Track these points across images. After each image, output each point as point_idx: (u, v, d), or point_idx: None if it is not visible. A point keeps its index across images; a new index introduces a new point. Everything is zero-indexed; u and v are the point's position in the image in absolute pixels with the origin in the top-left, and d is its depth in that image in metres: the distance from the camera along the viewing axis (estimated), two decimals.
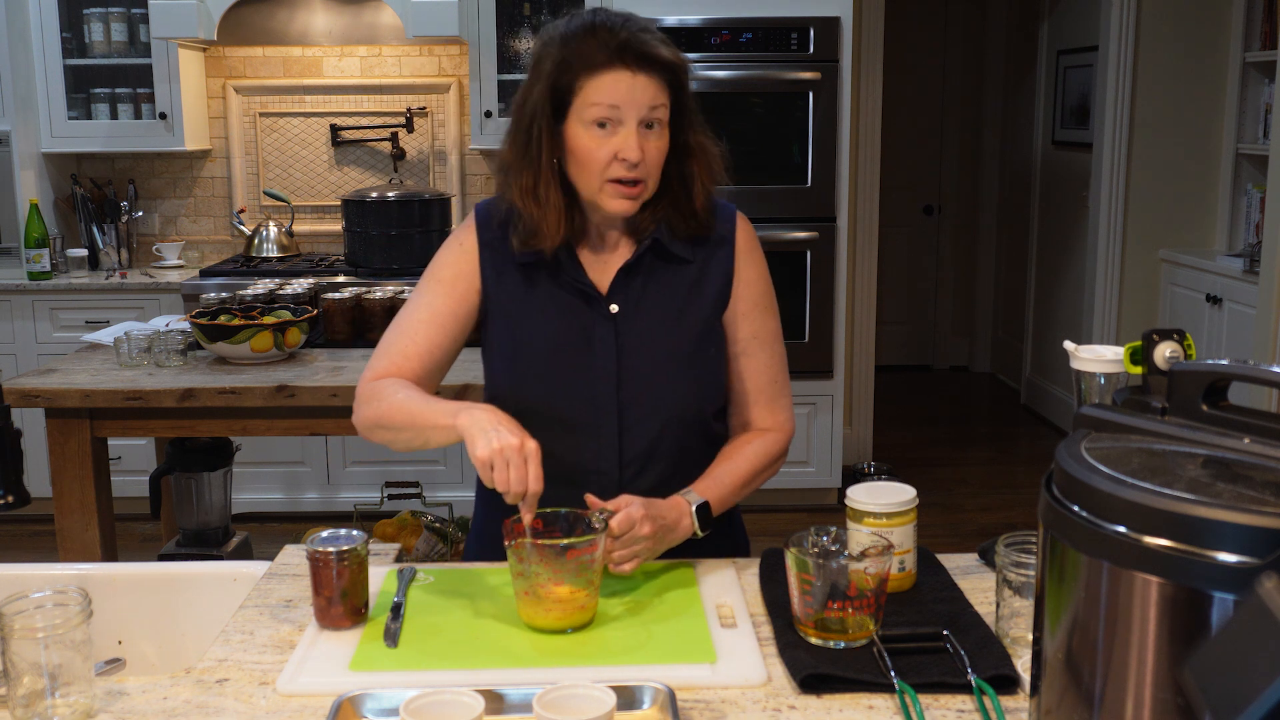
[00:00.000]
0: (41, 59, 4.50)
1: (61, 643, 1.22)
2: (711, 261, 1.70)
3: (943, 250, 7.10)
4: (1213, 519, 0.81)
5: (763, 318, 1.73)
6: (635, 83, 1.55)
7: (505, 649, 1.38)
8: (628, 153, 1.56)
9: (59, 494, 2.71)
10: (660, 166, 1.61)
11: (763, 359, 1.73)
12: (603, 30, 1.56)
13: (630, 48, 1.54)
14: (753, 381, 1.73)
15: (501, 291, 1.69)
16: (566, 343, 1.66)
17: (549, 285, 1.68)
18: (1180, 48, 5.02)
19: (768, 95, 4.33)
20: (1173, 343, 1.06)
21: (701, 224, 1.67)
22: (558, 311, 1.67)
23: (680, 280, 1.68)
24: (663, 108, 1.57)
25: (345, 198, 4.43)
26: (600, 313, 1.66)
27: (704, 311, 1.69)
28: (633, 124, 1.56)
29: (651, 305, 1.67)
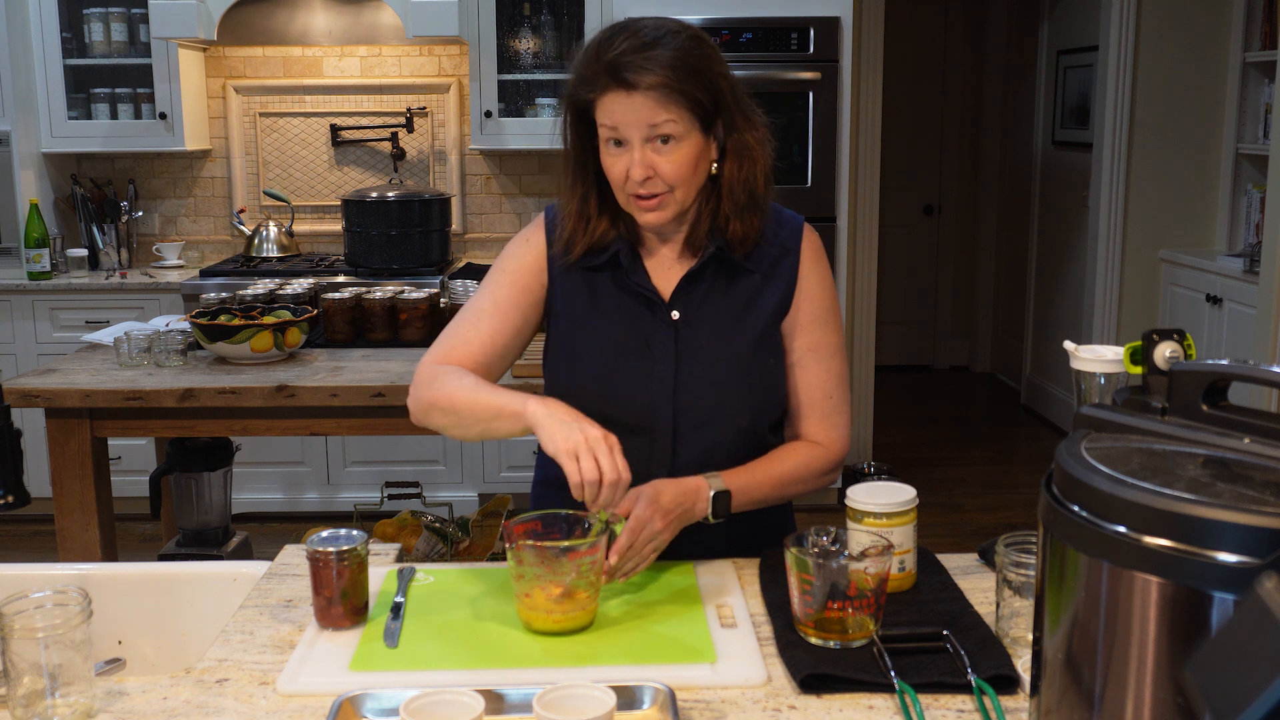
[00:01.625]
0: (41, 59, 4.50)
1: (61, 643, 1.22)
2: (776, 272, 1.69)
3: (943, 250, 7.10)
4: (1213, 519, 0.81)
5: (822, 330, 1.71)
6: (631, 103, 1.54)
7: (505, 649, 1.38)
8: (633, 170, 1.57)
9: (59, 494, 2.71)
10: (686, 176, 1.59)
11: (817, 372, 1.71)
12: (602, 49, 1.56)
13: (618, 69, 1.53)
14: (806, 394, 1.72)
15: (566, 292, 1.70)
16: (626, 347, 1.67)
17: (613, 289, 1.68)
18: (1180, 48, 5.02)
19: (768, 95, 4.28)
20: (1173, 343, 1.06)
21: (739, 234, 1.64)
22: (620, 315, 1.68)
23: (743, 290, 1.68)
24: (669, 122, 1.55)
25: (345, 198, 4.43)
26: (661, 319, 1.66)
27: (763, 321, 1.68)
28: (637, 142, 1.56)
29: (713, 313, 1.67)
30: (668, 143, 1.56)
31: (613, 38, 1.56)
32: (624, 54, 1.53)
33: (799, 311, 1.70)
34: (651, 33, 1.56)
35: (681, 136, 1.57)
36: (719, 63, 1.60)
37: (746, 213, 1.64)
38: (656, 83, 1.53)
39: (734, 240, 1.65)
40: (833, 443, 1.72)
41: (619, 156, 1.58)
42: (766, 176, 1.65)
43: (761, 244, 1.68)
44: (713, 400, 1.65)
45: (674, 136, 1.56)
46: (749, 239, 1.66)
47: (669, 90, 1.53)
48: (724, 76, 1.60)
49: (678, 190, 1.59)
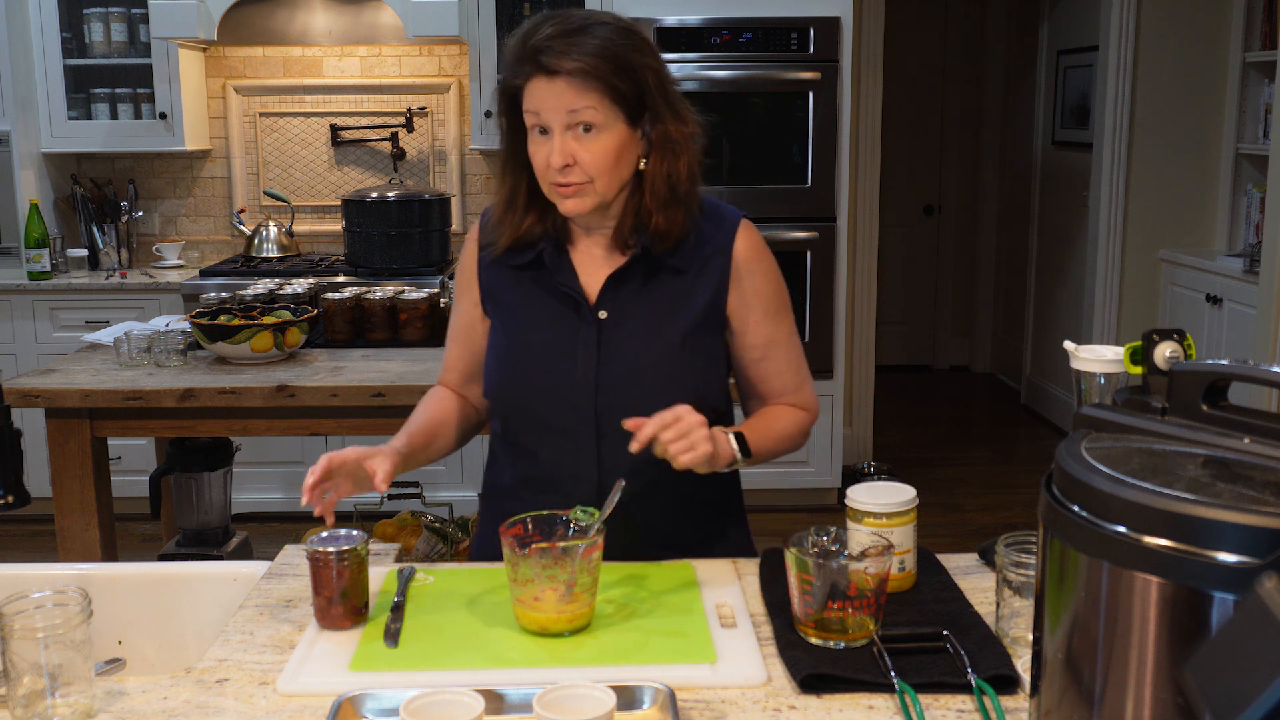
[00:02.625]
0: (41, 59, 4.49)
1: (61, 643, 1.22)
2: (705, 271, 1.68)
3: (943, 250, 7.09)
4: (1213, 519, 0.81)
5: (776, 321, 1.73)
6: (552, 88, 1.54)
7: (505, 649, 1.38)
8: (552, 157, 1.57)
9: (59, 494, 2.71)
10: (607, 166, 1.58)
11: (784, 359, 1.74)
12: (529, 36, 1.56)
13: (540, 53, 1.54)
14: (779, 381, 1.75)
15: (497, 294, 1.72)
16: (552, 347, 1.67)
17: (540, 289, 1.69)
18: (1180, 48, 5.02)
19: (768, 95, 4.33)
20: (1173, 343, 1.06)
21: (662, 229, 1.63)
22: (546, 315, 1.68)
23: (671, 290, 1.67)
24: (589, 109, 1.55)
25: (345, 198, 4.43)
26: (587, 319, 1.67)
27: (691, 322, 1.67)
28: (558, 129, 1.56)
29: (639, 314, 1.67)
30: (589, 131, 1.56)
31: (540, 25, 1.57)
32: (548, 39, 1.54)
33: (749, 311, 1.70)
34: (579, 21, 1.57)
35: (602, 126, 1.56)
36: (648, 55, 1.60)
37: (668, 206, 1.63)
38: (576, 68, 1.53)
39: (656, 234, 1.64)
40: (811, 407, 1.79)
41: (542, 145, 1.58)
42: (691, 171, 1.64)
43: (692, 243, 1.67)
44: (635, 401, 1.62)
45: (594, 125, 1.56)
46: (672, 233, 1.64)
47: (588, 76, 1.53)
48: (651, 69, 1.60)
49: (598, 181, 1.59)
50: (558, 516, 1.49)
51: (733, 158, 4.37)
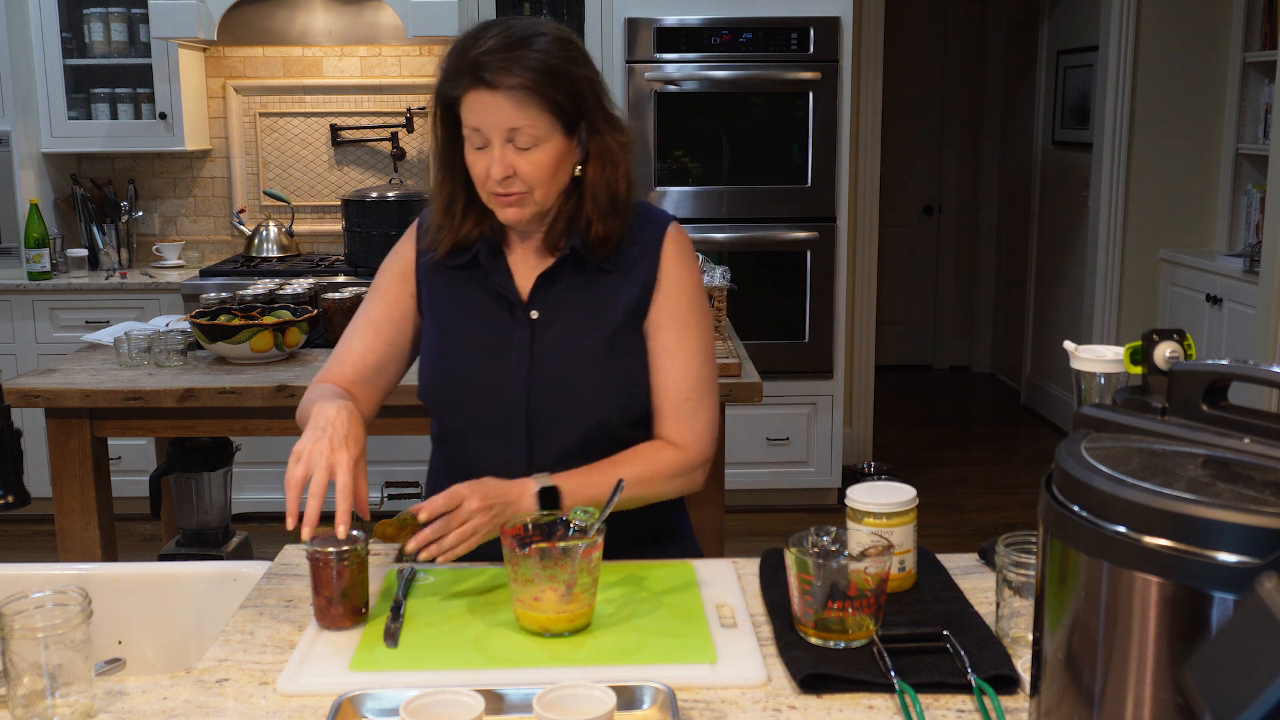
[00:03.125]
0: (41, 59, 4.49)
1: (61, 643, 1.22)
2: (633, 271, 1.69)
3: (943, 250, 7.09)
4: (1213, 519, 0.81)
5: (680, 330, 1.69)
6: (492, 103, 1.55)
7: (505, 649, 1.38)
8: (492, 170, 1.57)
9: (59, 494, 2.71)
10: (546, 178, 1.60)
11: (674, 374, 1.69)
12: (468, 46, 1.56)
13: (481, 68, 1.53)
14: (662, 395, 1.70)
15: (433, 292, 1.73)
16: (486, 347, 1.68)
17: (476, 289, 1.70)
18: (1180, 48, 5.02)
19: (768, 95, 4.33)
20: (1173, 343, 1.06)
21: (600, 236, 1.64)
22: (481, 315, 1.69)
23: (599, 290, 1.68)
24: (529, 125, 1.55)
25: (345, 198, 4.43)
26: (520, 319, 1.68)
27: (617, 321, 1.67)
28: (497, 142, 1.57)
29: (569, 313, 1.68)
30: (528, 144, 1.57)
31: (480, 35, 1.56)
32: (488, 53, 1.54)
33: (658, 311, 1.69)
34: (520, 32, 1.56)
35: (542, 139, 1.57)
36: (585, 66, 1.61)
37: (609, 216, 1.65)
38: (517, 84, 1.53)
39: (595, 241, 1.65)
40: (688, 445, 1.68)
41: (481, 155, 1.59)
42: (629, 179, 1.66)
43: (623, 244, 1.68)
44: (564, 400, 1.64)
45: (534, 138, 1.57)
46: (611, 241, 1.66)
47: (529, 93, 1.54)
48: (589, 80, 1.61)
49: (537, 191, 1.60)
50: (557, 517, 1.50)
51: (733, 158, 4.38)
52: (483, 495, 1.52)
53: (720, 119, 4.36)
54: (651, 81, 4.30)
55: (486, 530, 1.51)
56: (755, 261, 4.37)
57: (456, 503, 1.50)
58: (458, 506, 1.50)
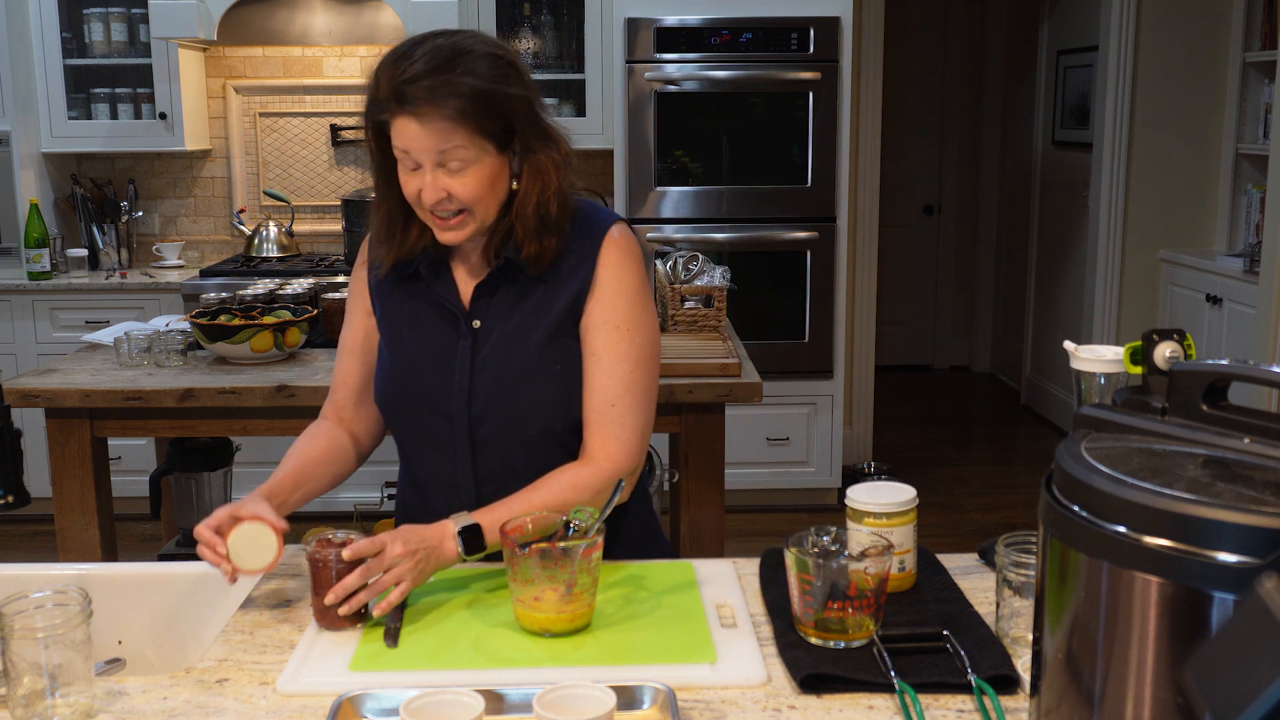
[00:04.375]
0: (41, 59, 4.49)
1: (61, 643, 1.22)
2: (571, 276, 1.65)
3: (943, 250, 7.09)
4: (1213, 519, 0.81)
5: (612, 335, 1.64)
6: (421, 129, 1.51)
7: (505, 649, 1.38)
8: (425, 193, 1.55)
9: (59, 494, 2.71)
10: (481, 196, 1.57)
11: (600, 380, 1.64)
12: (396, 69, 1.52)
13: (406, 97, 1.51)
14: (588, 402, 1.65)
15: (385, 306, 1.73)
16: (431, 357, 1.68)
17: (421, 300, 1.70)
18: (1180, 48, 5.02)
19: (768, 95, 4.33)
20: (1173, 343, 1.06)
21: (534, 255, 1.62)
22: (426, 326, 1.69)
23: (535, 296, 1.66)
24: (459, 149, 1.52)
25: (345, 198, 4.43)
26: (464, 329, 1.67)
27: (550, 327, 1.65)
28: (429, 165, 1.54)
29: (508, 321, 1.67)
30: (460, 166, 1.54)
31: (406, 58, 1.52)
32: (415, 79, 1.50)
33: (589, 316, 1.65)
34: (448, 53, 1.52)
35: (472, 161, 1.54)
36: (517, 85, 1.56)
37: (541, 234, 1.61)
38: (444, 114, 1.50)
39: (528, 260, 1.62)
40: (607, 457, 1.62)
41: (413, 177, 1.57)
42: (562, 197, 1.61)
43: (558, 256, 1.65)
44: (504, 409, 1.63)
45: (465, 161, 1.54)
46: (542, 258, 1.62)
47: (456, 120, 1.51)
48: (521, 99, 1.57)
49: (476, 209, 1.58)
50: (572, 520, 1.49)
51: (733, 158, 4.37)
52: (404, 540, 1.47)
53: (720, 119, 4.36)
54: (651, 81, 4.30)
55: (411, 580, 1.46)
56: (755, 261, 4.37)
57: (379, 548, 1.45)
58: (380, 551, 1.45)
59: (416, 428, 1.71)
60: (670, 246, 3.96)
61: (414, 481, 1.77)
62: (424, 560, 1.48)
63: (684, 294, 3.02)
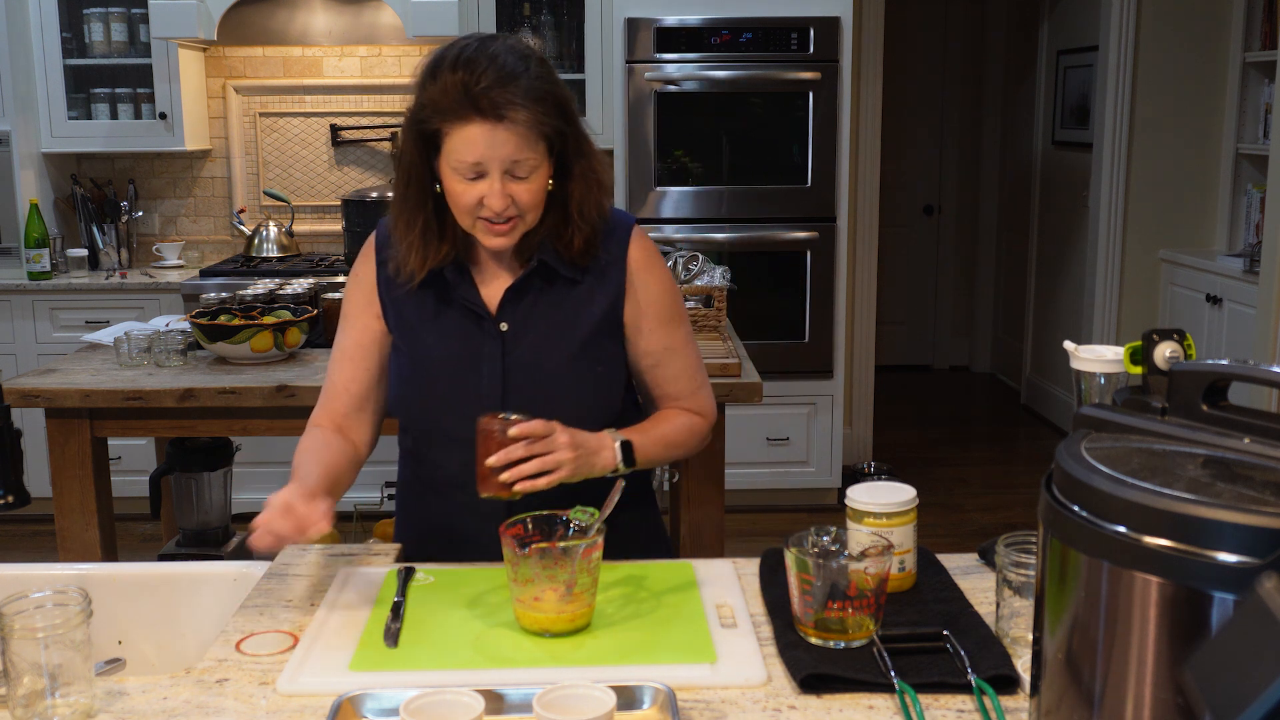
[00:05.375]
0: (41, 59, 4.49)
1: (61, 643, 1.22)
2: (603, 279, 1.69)
3: (943, 250, 7.09)
4: (1213, 519, 0.81)
5: (670, 329, 1.74)
6: (495, 137, 1.53)
7: (505, 649, 1.38)
8: (492, 201, 1.56)
9: (59, 494, 2.71)
10: (537, 203, 1.61)
11: (677, 367, 1.75)
12: (465, 75, 1.52)
13: (485, 102, 1.52)
14: (674, 386, 1.76)
15: (399, 310, 1.72)
16: (456, 361, 1.68)
17: (442, 304, 1.70)
18: (1180, 48, 5.02)
19: (768, 95, 4.33)
20: (1173, 343, 1.06)
21: (580, 250, 1.66)
22: (450, 330, 1.69)
23: (569, 299, 1.69)
24: (531, 156, 1.56)
25: (345, 198, 4.43)
26: (489, 332, 1.68)
27: (589, 328, 1.68)
28: (496, 175, 1.56)
29: (539, 324, 1.68)
30: (526, 174, 1.57)
31: (472, 65, 1.53)
32: (490, 88, 1.51)
33: (644, 318, 1.72)
34: (511, 63, 1.54)
35: (537, 166, 1.58)
36: (562, 85, 1.61)
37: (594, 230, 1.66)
38: (523, 119, 1.53)
39: (577, 253, 1.66)
40: (707, 413, 1.79)
41: (473, 185, 1.57)
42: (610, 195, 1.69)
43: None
44: (540, 409, 1.63)
45: (532, 167, 1.57)
46: (591, 252, 1.68)
47: (532, 126, 1.54)
48: (570, 99, 1.62)
49: (529, 215, 1.61)
50: (557, 516, 1.50)
51: (733, 158, 4.37)
52: (570, 434, 1.55)
53: (720, 119, 4.36)
54: (651, 81, 4.30)
55: (568, 470, 1.53)
56: (755, 261, 4.37)
57: (549, 431, 1.51)
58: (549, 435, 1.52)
59: (444, 431, 1.70)
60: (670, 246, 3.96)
61: (432, 485, 1.76)
62: (582, 459, 1.55)
63: (684, 294, 3.02)
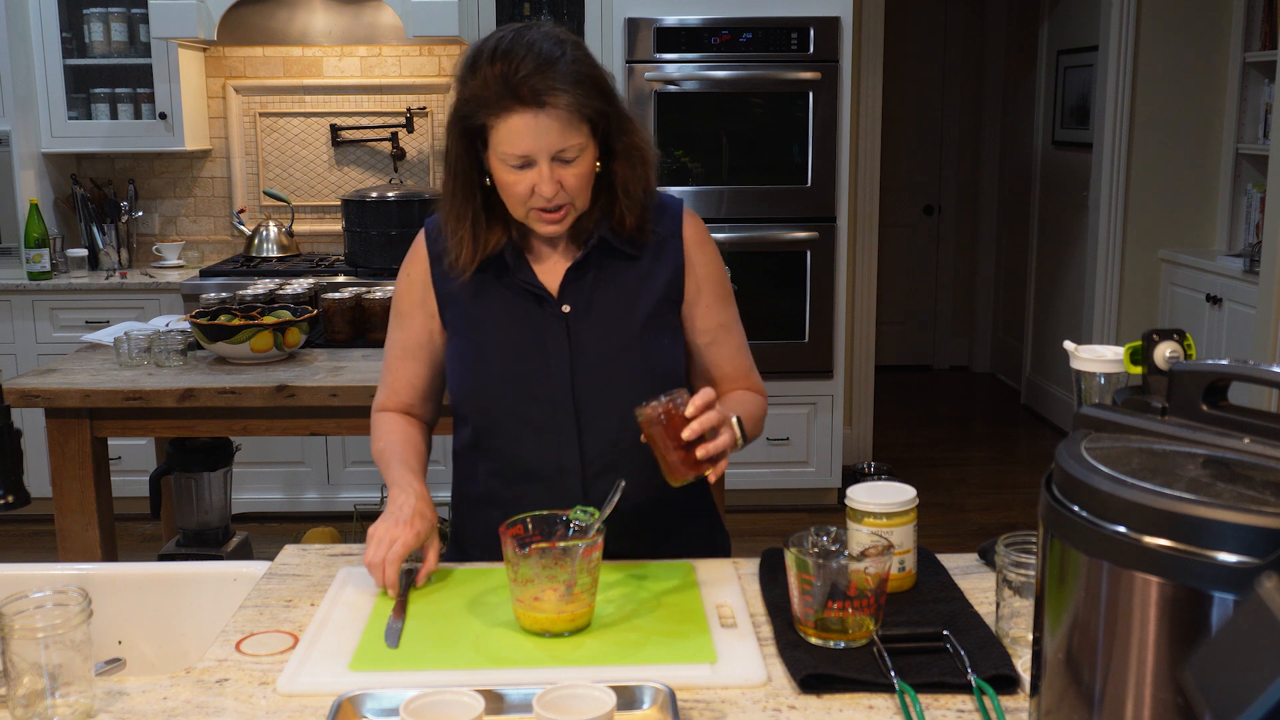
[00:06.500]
0: (41, 59, 4.49)
1: (61, 643, 1.22)
2: (661, 255, 1.72)
3: (943, 250, 7.09)
4: (1213, 519, 0.81)
5: (724, 306, 1.77)
6: (539, 125, 1.54)
7: (505, 649, 1.38)
8: (542, 188, 1.58)
9: (59, 494, 2.71)
10: (586, 186, 1.62)
11: (733, 345, 1.78)
12: (503, 66, 1.54)
13: (527, 91, 1.53)
14: (730, 365, 1.78)
15: (456, 302, 1.72)
16: (521, 346, 1.69)
17: (501, 290, 1.70)
18: (1180, 48, 5.02)
19: (768, 95, 4.33)
20: (1173, 343, 1.06)
21: (633, 227, 1.68)
22: (511, 315, 1.70)
23: (629, 276, 1.70)
24: (578, 142, 1.57)
25: (345, 198, 4.43)
26: (552, 313, 1.68)
27: (653, 303, 1.70)
28: (545, 162, 1.57)
29: (602, 303, 1.69)
30: (573, 156, 1.58)
31: (510, 55, 1.54)
32: (529, 76, 1.53)
33: (701, 294, 1.74)
34: (548, 50, 1.55)
35: (584, 149, 1.59)
36: (600, 67, 1.63)
37: (640, 207, 1.68)
38: (565, 103, 1.54)
39: (630, 230, 1.68)
40: (764, 391, 1.82)
41: (523, 175, 1.58)
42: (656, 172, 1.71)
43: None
44: (609, 387, 1.66)
45: (579, 150, 1.58)
46: (645, 228, 1.69)
47: (574, 110, 1.55)
48: (610, 80, 1.64)
49: (578, 200, 1.63)
50: (558, 516, 1.50)
51: (733, 158, 4.38)
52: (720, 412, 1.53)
53: (720, 119, 4.36)
54: (651, 81, 4.30)
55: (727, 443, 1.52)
56: (755, 261, 4.37)
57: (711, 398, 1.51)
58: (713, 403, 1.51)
59: (515, 417, 1.69)
60: None
61: (501, 473, 1.74)
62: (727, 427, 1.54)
63: None
